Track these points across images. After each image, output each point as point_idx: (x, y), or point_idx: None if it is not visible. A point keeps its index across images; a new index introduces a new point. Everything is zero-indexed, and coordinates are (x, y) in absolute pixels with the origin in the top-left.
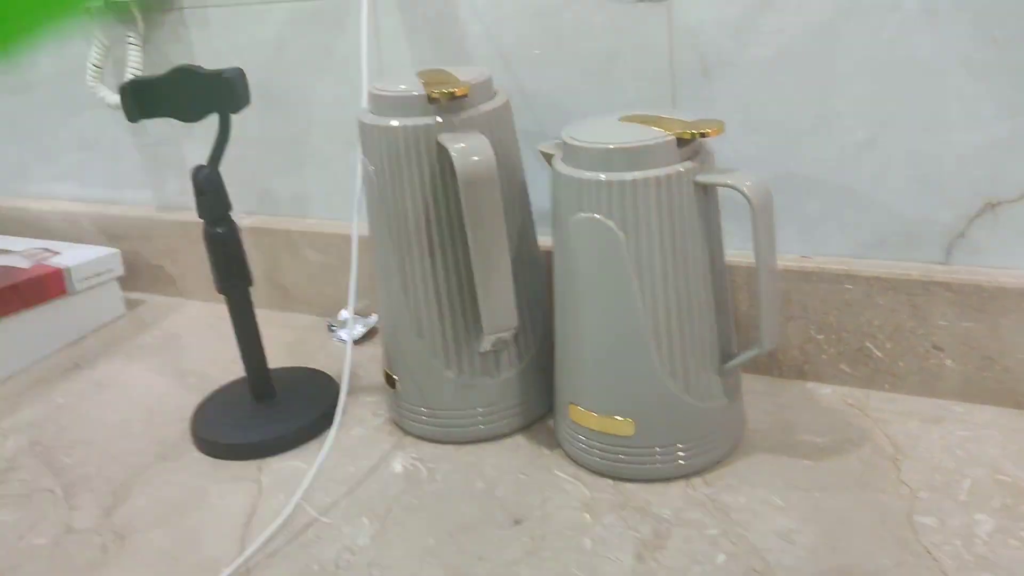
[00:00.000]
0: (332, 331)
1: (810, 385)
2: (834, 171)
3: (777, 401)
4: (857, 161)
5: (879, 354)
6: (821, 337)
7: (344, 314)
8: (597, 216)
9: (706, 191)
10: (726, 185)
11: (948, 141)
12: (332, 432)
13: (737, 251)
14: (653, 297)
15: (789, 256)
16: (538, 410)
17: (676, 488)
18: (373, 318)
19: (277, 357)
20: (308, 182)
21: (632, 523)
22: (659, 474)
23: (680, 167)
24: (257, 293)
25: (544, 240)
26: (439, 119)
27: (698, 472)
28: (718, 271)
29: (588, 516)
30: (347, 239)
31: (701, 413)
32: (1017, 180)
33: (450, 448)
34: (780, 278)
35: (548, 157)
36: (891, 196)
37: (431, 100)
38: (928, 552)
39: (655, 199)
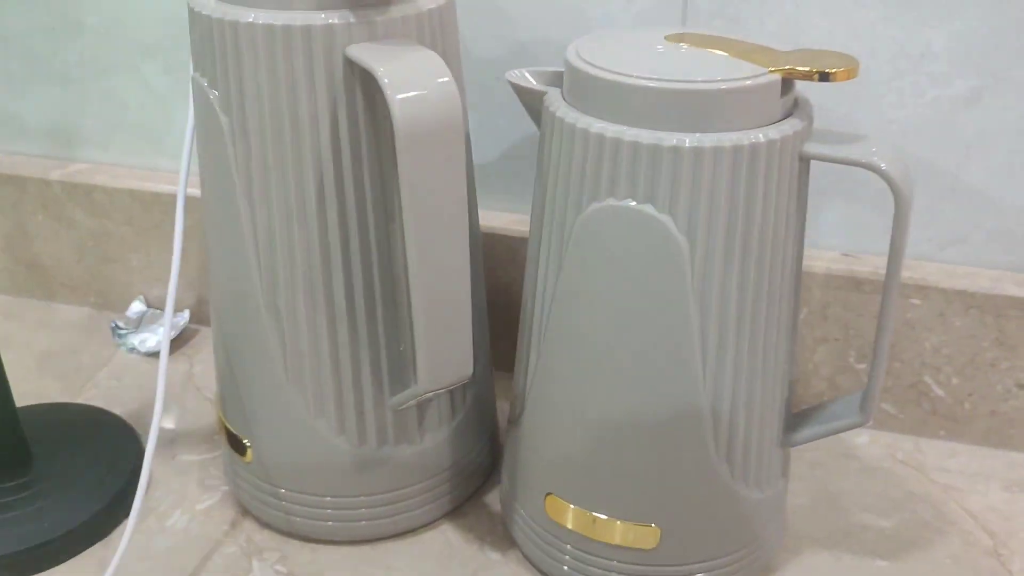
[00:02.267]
0: (118, 336)
1: None
2: (909, 133)
3: (804, 456)
4: (945, 124)
5: (940, 392)
6: (862, 367)
7: (136, 308)
8: (639, 206)
9: (807, 169)
10: (852, 162)
11: None
12: (128, 530)
13: None
14: (719, 340)
15: (828, 253)
16: (474, 481)
17: None
18: (183, 316)
19: (28, 383)
20: (80, 105)
21: None
22: None
23: (785, 127)
24: None
25: (510, 227)
26: (349, 18)
27: None
28: (798, 294)
29: None
30: (140, 196)
31: (754, 507)
32: None
33: (340, 552)
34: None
35: (530, 95)
36: (985, 174)
37: None
38: None
39: (746, 182)
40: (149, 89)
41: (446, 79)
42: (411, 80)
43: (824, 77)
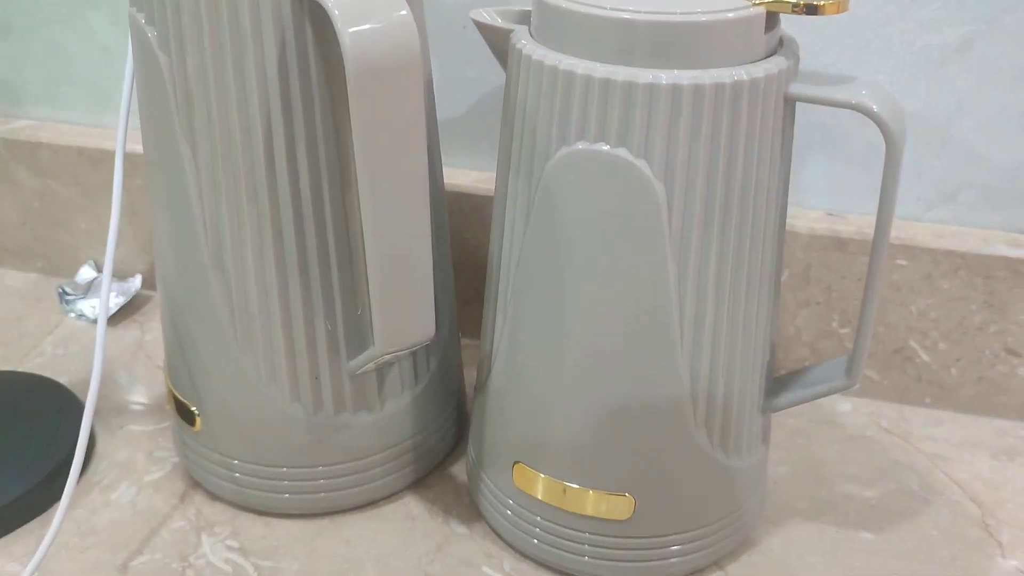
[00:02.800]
0: (66, 302)
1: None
2: (896, 85)
3: (785, 423)
4: (935, 74)
5: (926, 358)
6: (846, 331)
7: (86, 273)
8: (612, 150)
9: (792, 111)
10: (841, 104)
11: None
12: (62, 505)
13: None
14: (697, 292)
15: (812, 213)
16: (439, 452)
17: None
18: (134, 282)
19: None
20: (20, 56)
21: None
22: (664, 572)
23: (769, 65)
24: None
25: (478, 185)
26: None
27: (717, 563)
28: (781, 250)
29: None
30: (88, 154)
31: (734, 476)
32: None
33: (296, 526)
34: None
35: (496, 34)
36: (976, 129)
37: None
38: None
39: (727, 123)
40: (95, 40)
41: (403, 12)
42: (364, 12)
43: (812, 10)
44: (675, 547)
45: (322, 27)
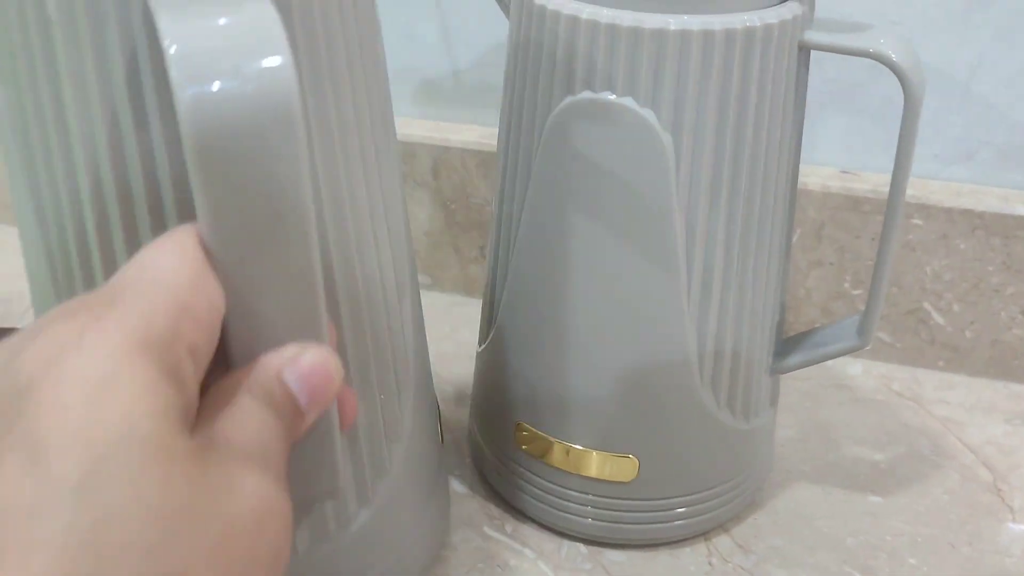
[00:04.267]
0: None
1: (833, 361)
2: (916, 40)
3: (793, 385)
4: (955, 27)
5: (940, 320)
6: (858, 293)
7: None
8: (618, 99)
9: (806, 61)
10: (859, 52)
11: None
12: None
13: None
14: (707, 248)
15: (825, 170)
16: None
17: (693, 557)
18: None
19: None
20: None
21: None
22: (667, 536)
23: (784, 11)
24: None
25: (483, 141)
26: None
27: (722, 525)
28: (793, 203)
29: None
30: None
31: (740, 439)
32: None
33: None
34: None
35: None
36: (996, 85)
37: None
38: None
39: (739, 71)
40: None
41: (278, 60)
42: (215, 62)
43: None
44: (680, 509)
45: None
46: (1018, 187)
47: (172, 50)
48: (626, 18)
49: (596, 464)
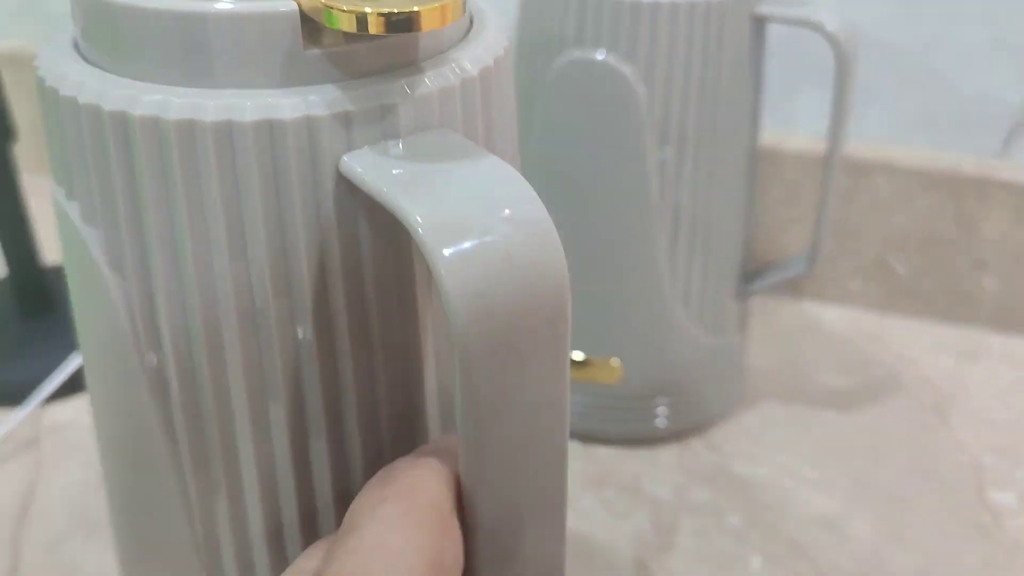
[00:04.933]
0: None
1: (809, 305)
2: (877, 21)
3: (774, 327)
4: (911, 8)
5: (902, 270)
6: (831, 245)
7: None
8: (601, 57)
9: (760, 30)
10: (799, 22)
11: None
12: None
13: None
14: (676, 187)
15: (802, 136)
16: None
17: (668, 454)
18: None
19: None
20: None
21: (621, 509)
22: (649, 434)
23: None
24: (24, 153)
25: None
26: (345, 103)
27: (694, 430)
28: (755, 152)
29: None
30: None
31: (711, 352)
32: None
33: None
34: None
35: None
36: (948, 61)
37: (331, 30)
38: (1019, 544)
39: (701, 37)
40: None
41: (540, 212)
42: (468, 222)
43: None
44: (659, 409)
45: (393, 232)
46: (968, 151)
47: (416, 216)
48: None
49: (588, 367)
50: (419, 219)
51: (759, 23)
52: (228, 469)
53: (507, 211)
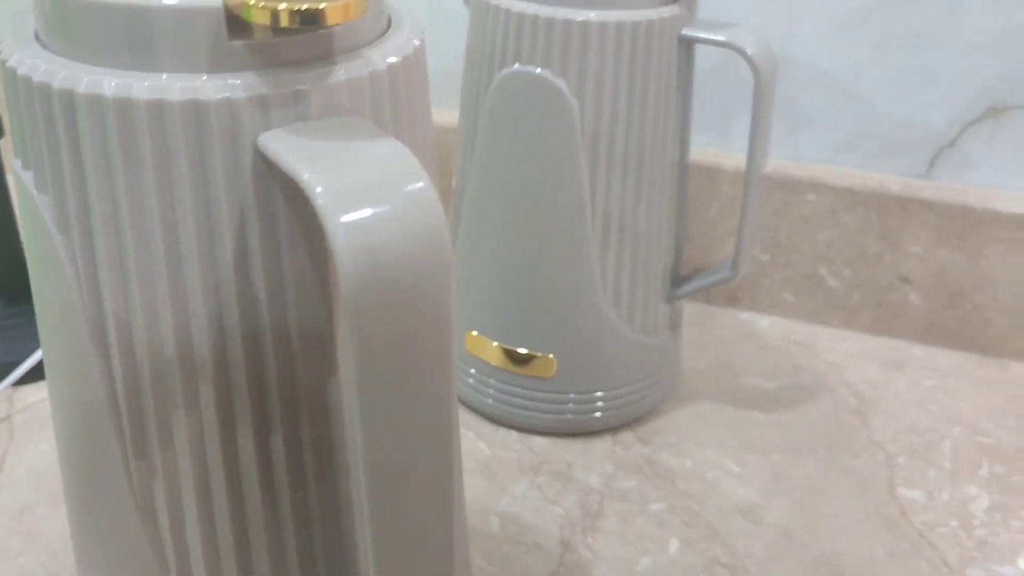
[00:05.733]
0: None
1: (745, 315)
2: (809, 49)
3: (709, 334)
4: (841, 37)
5: (832, 283)
6: (766, 258)
7: None
8: (539, 71)
9: (689, 51)
10: (721, 44)
11: (958, 22)
12: None
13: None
14: (607, 194)
15: (738, 154)
16: None
17: (601, 445)
18: None
19: None
20: None
21: (552, 494)
22: (582, 427)
23: (664, 11)
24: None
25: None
26: (261, 87)
27: (627, 424)
28: (684, 166)
29: (491, 483)
30: None
31: (642, 351)
32: None
33: None
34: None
35: None
36: (875, 87)
37: (249, 25)
38: (923, 536)
39: (628, 55)
40: None
41: (420, 183)
42: (361, 191)
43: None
44: (593, 404)
45: (301, 206)
46: (892, 172)
47: (317, 186)
48: (544, 11)
49: (525, 362)
50: (319, 189)
51: (687, 44)
52: (163, 444)
53: (398, 184)
